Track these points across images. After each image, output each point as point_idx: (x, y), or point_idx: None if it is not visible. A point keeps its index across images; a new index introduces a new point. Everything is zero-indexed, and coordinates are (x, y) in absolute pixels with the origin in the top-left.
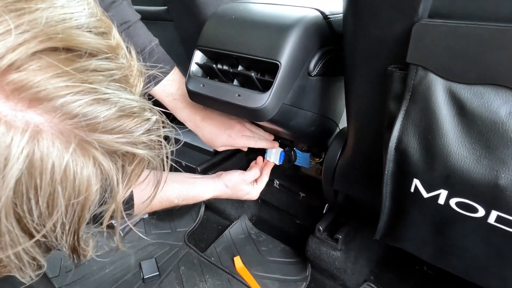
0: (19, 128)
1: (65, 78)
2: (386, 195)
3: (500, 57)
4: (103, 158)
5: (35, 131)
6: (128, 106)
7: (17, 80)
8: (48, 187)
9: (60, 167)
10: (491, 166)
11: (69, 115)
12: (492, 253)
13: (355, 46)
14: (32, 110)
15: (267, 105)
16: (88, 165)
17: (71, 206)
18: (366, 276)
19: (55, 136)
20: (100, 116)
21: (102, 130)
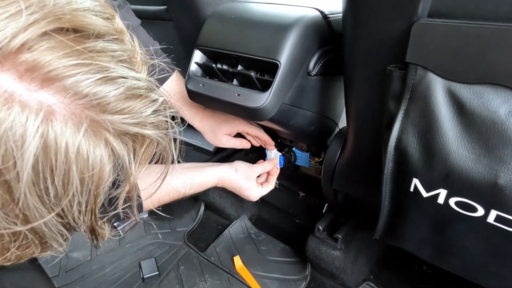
0: (33, 108)
1: (75, 57)
2: (386, 195)
3: (500, 57)
4: (114, 139)
5: (48, 111)
6: (135, 86)
7: (30, 59)
8: (63, 165)
9: (74, 147)
10: (491, 165)
11: (79, 95)
12: (491, 252)
13: (355, 45)
14: (44, 90)
15: (267, 104)
16: (100, 145)
17: (86, 185)
18: (366, 276)
19: (67, 117)
20: (109, 96)
21: (111, 111)
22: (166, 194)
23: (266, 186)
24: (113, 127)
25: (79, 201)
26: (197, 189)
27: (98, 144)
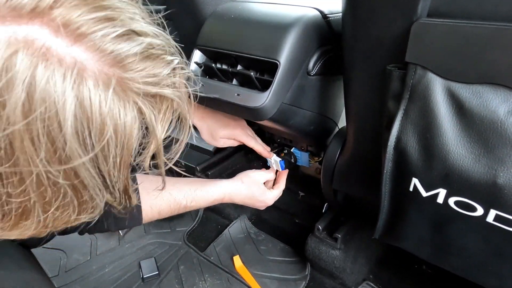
0: (69, 64)
1: (99, 12)
2: (385, 194)
3: (499, 56)
4: (138, 97)
5: (82, 68)
6: (155, 44)
7: (61, 15)
8: (99, 118)
9: (106, 102)
10: (490, 165)
11: (106, 52)
12: (491, 251)
13: (354, 45)
14: (76, 46)
15: (266, 104)
16: (128, 102)
17: (120, 138)
18: (365, 275)
19: (97, 74)
20: (132, 52)
21: (134, 70)
22: (167, 206)
23: (277, 187)
24: (136, 87)
25: (115, 153)
26: (199, 203)
27: (127, 101)
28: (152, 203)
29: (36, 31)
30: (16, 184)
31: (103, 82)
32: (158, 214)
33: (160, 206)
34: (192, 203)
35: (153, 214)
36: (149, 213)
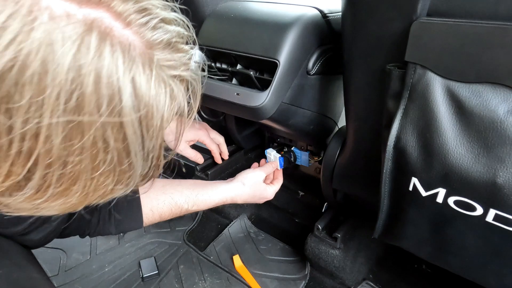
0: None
1: (140, 4)
2: (385, 194)
3: (498, 56)
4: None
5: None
6: (180, 33)
7: (117, 5)
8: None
9: (151, 77)
10: (489, 164)
11: (144, 37)
12: (490, 251)
13: (354, 44)
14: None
15: (266, 103)
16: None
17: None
18: (365, 275)
19: (143, 54)
20: (161, 38)
21: (162, 54)
22: (168, 209)
23: (277, 181)
24: (165, 67)
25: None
26: (200, 206)
27: (162, 78)
28: (153, 206)
29: (102, 15)
30: (75, 144)
31: (147, 60)
32: (159, 217)
33: (161, 210)
34: (193, 207)
35: (154, 217)
36: (150, 216)
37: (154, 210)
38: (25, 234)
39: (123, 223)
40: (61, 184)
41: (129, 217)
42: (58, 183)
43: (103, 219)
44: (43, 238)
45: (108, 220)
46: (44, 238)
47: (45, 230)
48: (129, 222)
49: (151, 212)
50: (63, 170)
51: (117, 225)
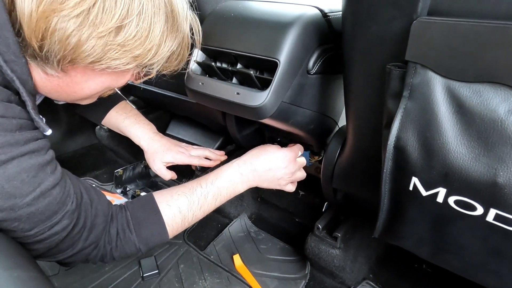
0: None
1: None
2: (385, 193)
3: (499, 55)
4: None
5: None
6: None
7: None
8: None
9: None
10: (490, 164)
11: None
12: (490, 251)
13: (354, 43)
14: None
15: (266, 103)
16: None
17: None
18: (365, 274)
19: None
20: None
21: None
22: (184, 199)
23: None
24: None
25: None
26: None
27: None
28: (168, 200)
29: None
30: None
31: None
32: (179, 212)
33: (178, 202)
34: (216, 201)
35: (174, 213)
36: (168, 212)
37: (171, 204)
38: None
39: (144, 228)
40: None
41: (148, 219)
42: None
43: (122, 227)
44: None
45: (127, 227)
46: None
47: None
48: (150, 226)
49: (168, 207)
50: None
51: (137, 232)
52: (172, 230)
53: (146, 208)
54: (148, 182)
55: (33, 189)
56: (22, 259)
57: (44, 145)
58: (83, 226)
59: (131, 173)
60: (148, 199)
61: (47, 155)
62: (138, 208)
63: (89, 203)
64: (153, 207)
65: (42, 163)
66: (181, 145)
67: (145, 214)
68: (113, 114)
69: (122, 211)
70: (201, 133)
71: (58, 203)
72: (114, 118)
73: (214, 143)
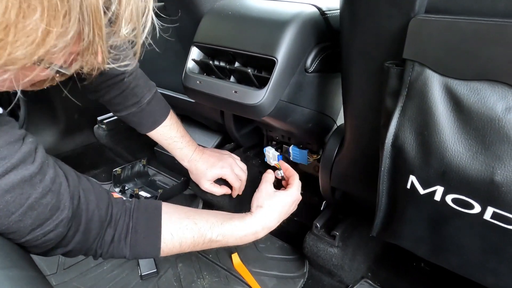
0: None
1: None
2: (383, 192)
3: (497, 53)
4: None
5: None
6: None
7: None
8: None
9: None
10: (487, 162)
11: None
12: (488, 249)
13: (352, 42)
14: None
15: (264, 101)
16: None
17: None
18: (364, 273)
19: None
20: None
21: None
22: (191, 236)
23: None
24: None
25: None
26: (226, 237)
27: None
28: (174, 230)
29: None
30: None
31: None
32: (179, 245)
33: (182, 235)
34: (218, 237)
35: (174, 243)
36: (168, 242)
37: (174, 235)
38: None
39: (139, 245)
40: None
41: (147, 239)
42: None
43: (119, 237)
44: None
45: (124, 239)
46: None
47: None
48: (146, 246)
49: (171, 237)
50: None
51: (132, 247)
52: (165, 254)
53: (150, 226)
54: (147, 181)
55: (20, 206)
56: (19, 258)
57: (28, 150)
58: (76, 230)
59: (129, 172)
60: (154, 216)
61: (35, 162)
62: (142, 222)
63: (85, 208)
64: (156, 230)
65: (28, 177)
66: (223, 158)
67: (146, 233)
68: (157, 134)
69: (126, 217)
70: (200, 132)
71: (50, 209)
72: (160, 139)
73: (212, 142)
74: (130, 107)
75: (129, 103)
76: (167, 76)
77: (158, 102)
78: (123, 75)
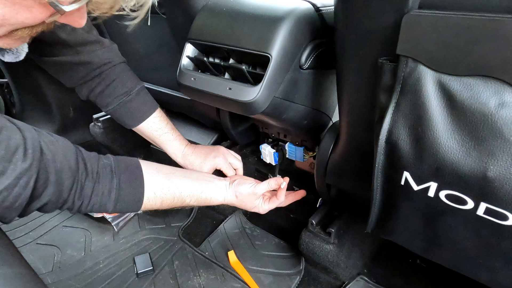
0: None
1: None
2: (377, 188)
3: (489, 48)
4: None
5: None
6: None
7: None
8: None
9: None
10: (480, 158)
11: None
12: (481, 245)
13: (346, 38)
14: None
15: (258, 98)
16: None
17: None
18: (360, 269)
19: None
20: None
21: None
22: (171, 197)
23: (273, 201)
24: None
25: None
26: (201, 203)
27: None
28: (156, 189)
29: None
30: None
31: None
32: (160, 203)
33: (164, 196)
34: (194, 203)
35: (155, 201)
36: (151, 199)
37: (157, 194)
38: None
39: (123, 201)
40: None
41: (131, 195)
42: None
43: (101, 192)
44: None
45: (108, 194)
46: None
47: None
48: (129, 202)
49: (154, 195)
50: None
51: (116, 202)
52: (145, 209)
53: (133, 185)
54: None
55: None
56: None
57: None
58: (46, 180)
59: None
60: (137, 174)
61: None
62: (125, 179)
63: (51, 158)
64: (139, 187)
65: None
66: (215, 149)
67: (129, 190)
68: (147, 126)
69: (107, 173)
70: (196, 129)
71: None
72: (151, 131)
73: (209, 139)
74: (120, 97)
75: (119, 92)
76: (162, 74)
77: (147, 94)
78: (110, 64)
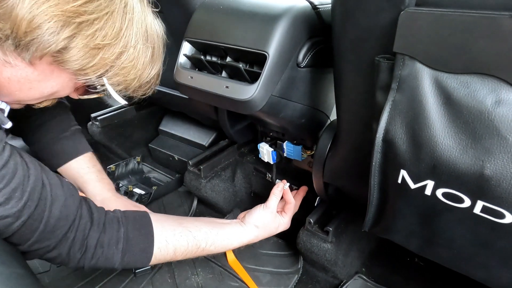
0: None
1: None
2: (374, 187)
3: (486, 46)
4: None
5: None
6: None
7: None
8: None
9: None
10: (477, 156)
11: None
12: (478, 243)
13: (343, 36)
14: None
15: (255, 96)
16: None
17: None
18: (358, 268)
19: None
20: None
21: None
22: (185, 243)
23: (287, 209)
24: None
25: None
26: (218, 248)
27: None
28: (168, 236)
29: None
30: None
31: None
32: (173, 252)
33: (177, 242)
34: (211, 247)
35: (168, 250)
36: (163, 248)
37: (169, 241)
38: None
39: (132, 252)
40: None
41: (140, 245)
42: None
43: (108, 242)
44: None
45: (115, 244)
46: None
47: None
48: (138, 253)
49: (165, 243)
50: None
51: (124, 254)
52: (157, 261)
53: (143, 233)
54: (141, 178)
55: None
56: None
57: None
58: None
59: (123, 169)
60: (145, 223)
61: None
62: (133, 229)
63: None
64: (149, 236)
65: None
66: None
67: (138, 239)
68: (74, 165)
69: (115, 224)
70: (194, 128)
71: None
72: (75, 170)
73: (207, 138)
74: (64, 130)
75: (64, 126)
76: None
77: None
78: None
